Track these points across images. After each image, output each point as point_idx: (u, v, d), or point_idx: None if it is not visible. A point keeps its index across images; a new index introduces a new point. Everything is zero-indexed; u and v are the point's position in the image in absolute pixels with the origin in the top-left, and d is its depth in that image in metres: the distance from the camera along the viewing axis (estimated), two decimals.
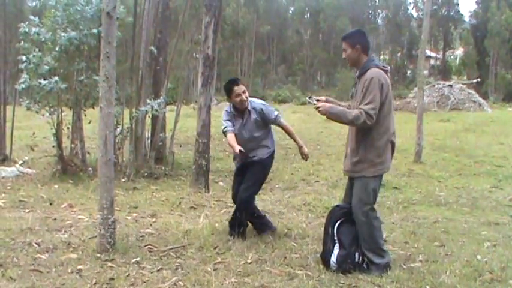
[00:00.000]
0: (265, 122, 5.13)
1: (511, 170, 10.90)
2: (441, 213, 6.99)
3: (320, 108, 4.11)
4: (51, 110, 8.76)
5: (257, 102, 5.16)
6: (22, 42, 8.67)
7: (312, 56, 57.27)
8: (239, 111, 5.10)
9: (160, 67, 10.23)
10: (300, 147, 5.25)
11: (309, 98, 4.39)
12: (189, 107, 12.01)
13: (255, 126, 5.10)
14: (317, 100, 4.30)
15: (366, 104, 3.99)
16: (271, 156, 5.24)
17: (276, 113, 5.19)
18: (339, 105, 4.45)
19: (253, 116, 5.07)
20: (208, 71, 7.88)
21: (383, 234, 4.56)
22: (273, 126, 5.34)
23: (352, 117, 3.99)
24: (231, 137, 4.98)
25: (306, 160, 5.36)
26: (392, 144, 4.26)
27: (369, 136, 4.11)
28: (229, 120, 5.13)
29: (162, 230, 5.44)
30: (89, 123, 9.28)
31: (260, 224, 5.36)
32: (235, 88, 5.00)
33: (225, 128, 5.06)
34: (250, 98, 5.12)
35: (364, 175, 4.16)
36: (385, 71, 4.19)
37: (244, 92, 5.00)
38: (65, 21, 8.57)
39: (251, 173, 5.14)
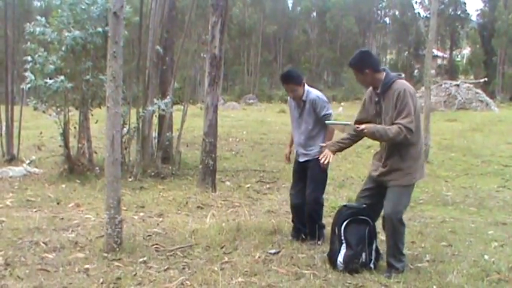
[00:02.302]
0: (316, 115, 4.97)
1: None
2: (448, 213, 6.97)
3: (365, 130, 4.03)
4: (58, 109, 8.77)
5: (313, 93, 5.00)
6: (28, 42, 8.71)
7: (318, 56, 57.28)
8: (296, 100, 5.08)
9: (167, 67, 10.23)
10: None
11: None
12: (196, 107, 11.99)
13: (310, 119, 4.99)
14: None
15: (403, 118, 3.94)
16: None
17: (328, 112, 4.97)
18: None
19: (307, 106, 4.97)
20: (215, 70, 7.88)
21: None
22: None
23: (393, 134, 3.94)
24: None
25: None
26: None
27: (403, 145, 4.07)
28: (291, 115, 5.24)
29: (169, 230, 5.45)
30: (96, 122, 9.30)
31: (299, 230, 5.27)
32: (284, 86, 5.04)
33: None
34: (308, 88, 5.02)
35: (400, 184, 4.14)
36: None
37: (293, 91, 4.95)
38: (71, 21, 8.58)
39: (311, 174, 5.08)
